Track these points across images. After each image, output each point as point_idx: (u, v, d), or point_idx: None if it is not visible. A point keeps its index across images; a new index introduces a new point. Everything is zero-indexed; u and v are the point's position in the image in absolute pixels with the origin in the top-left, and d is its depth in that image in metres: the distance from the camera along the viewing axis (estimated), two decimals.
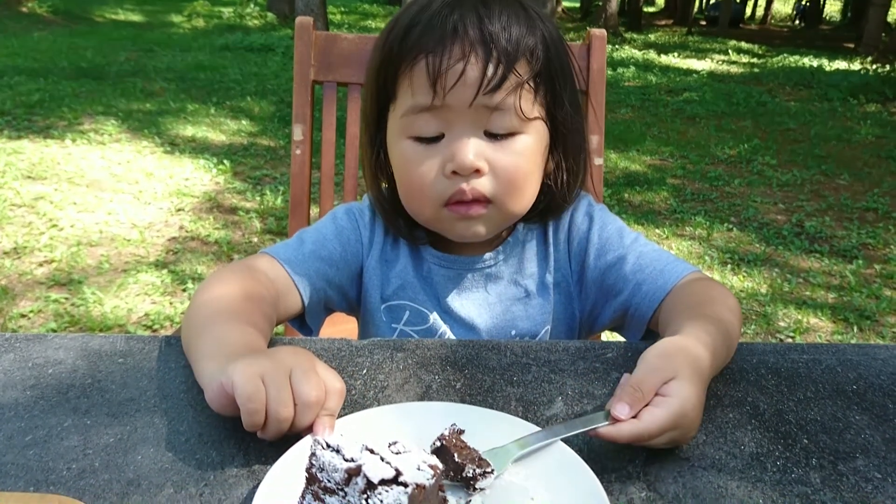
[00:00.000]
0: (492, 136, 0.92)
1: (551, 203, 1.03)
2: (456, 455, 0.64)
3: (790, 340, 2.99)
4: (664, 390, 0.70)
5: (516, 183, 0.94)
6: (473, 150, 0.90)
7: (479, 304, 1.05)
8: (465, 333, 1.04)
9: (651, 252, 1.02)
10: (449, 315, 1.04)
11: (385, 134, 0.99)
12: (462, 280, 1.05)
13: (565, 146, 1.00)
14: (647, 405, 0.69)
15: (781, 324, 3.14)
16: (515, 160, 0.93)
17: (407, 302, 1.04)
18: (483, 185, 0.92)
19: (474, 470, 0.63)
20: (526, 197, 0.97)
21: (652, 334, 1.01)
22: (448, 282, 1.05)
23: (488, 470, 0.64)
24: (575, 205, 1.08)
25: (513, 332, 1.04)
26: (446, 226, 0.97)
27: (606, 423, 0.69)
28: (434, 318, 1.04)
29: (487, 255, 1.05)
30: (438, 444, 0.65)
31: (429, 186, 0.93)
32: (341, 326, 1.46)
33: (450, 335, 1.04)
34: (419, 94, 0.90)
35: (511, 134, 0.92)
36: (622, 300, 1.02)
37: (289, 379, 0.67)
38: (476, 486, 0.64)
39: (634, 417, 0.69)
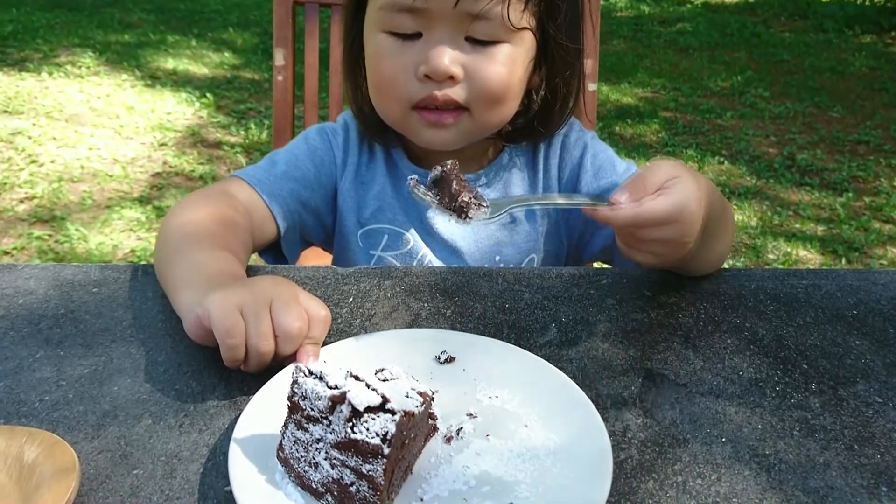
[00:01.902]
0: (473, 41, 0.87)
1: (535, 123, 0.98)
2: (454, 183, 0.63)
3: None
4: (667, 185, 0.69)
5: (493, 92, 0.89)
6: (450, 55, 0.85)
7: (462, 227, 1.01)
8: (447, 256, 1.01)
9: None
10: (431, 237, 1.01)
11: (362, 22, 0.93)
12: None
13: (554, 63, 0.94)
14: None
15: (771, 256, 3.14)
16: (495, 69, 0.88)
17: (385, 225, 1.00)
18: (456, 92, 0.88)
19: (469, 198, 0.63)
20: (504, 109, 0.92)
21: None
22: None
23: (483, 204, 0.64)
24: (566, 131, 1.04)
25: (497, 259, 1.01)
26: (413, 130, 0.92)
27: (606, 205, 0.68)
28: (414, 239, 1.00)
29: (470, 176, 1.00)
30: (438, 172, 0.65)
31: (399, 86, 0.88)
32: (316, 262, 1.41)
33: (431, 258, 1.00)
34: None
35: (494, 42, 0.87)
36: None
37: (269, 310, 0.64)
38: (468, 215, 0.63)
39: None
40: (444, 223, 1.00)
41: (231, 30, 6.61)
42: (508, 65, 0.88)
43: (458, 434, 0.60)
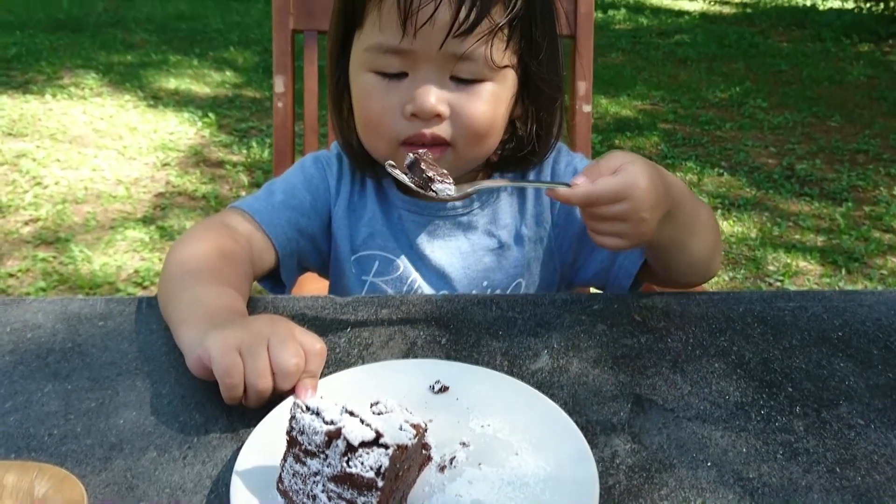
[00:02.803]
0: (457, 80, 0.90)
1: (520, 152, 1.01)
2: (422, 164, 0.79)
3: (779, 284, 3.00)
4: (620, 168, 0.77)
5: (478, 130, 0.92)
6: (436, 94, 0.89)
7: (451, 252, 1.03)
8: (437, 282, 1.03)
9: None
10: (422, 262, 1.03)
11: (348, 60, 0.96)
12: (433, 226, 1.03)
13: (538, 97, 0.98)
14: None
15: (771, 268, 3.15)
16: (479, 107, 0.91)
17: (376, 252, 1.03)
18: (443, 129, 0.91)
19: (434, 174, 0.78)
20: (486, 144, 0.96)
21: (637, 287, 1.02)
22: (419, 228, 1.03)
23: (448, 181, 0.79)
24: (554, 157, 1.07)
25: (484, 284, 1.04)
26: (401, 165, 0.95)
27: (566, 187, 0.77)
28: (404, 264, 1.02)
29: (458, 203, 1.03)
30: (412, 158, 0.80)
31: (386, 124, 0.91)
32: (311, 286, 1.42)
33: (421, 283, 1.03)
34: (387, 31, 0.87)
35: (477, 80, 0.90)
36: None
37: (266, 348, 0.66)
38: (433, 188, 0.78)
39: None
40: (433, 251, 1.03)
41: (232, 49, 6.68)
42: (492, 102, 0.92)
43: (451, 463, 0.62)
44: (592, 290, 1.13)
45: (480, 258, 1.04)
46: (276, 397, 0.67)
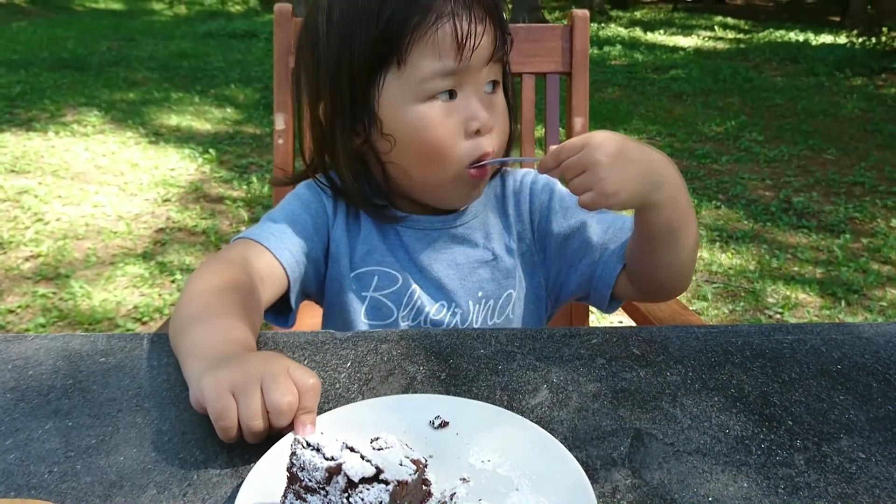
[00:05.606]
0: (486, 92, 0.99)
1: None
2: None
3: (778, 316, 3.01)
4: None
5: (507, 136, 1.02)
6: (485, 107, 0.97)
7: (447, 264, 1.07)
8: (435, 293, 1.06)
9: (613, 216, 1.08)
10: (421, 274, 1.06)
11: (371, 109, 0.98)
12: (429, 239, 1.07)
13: (513, 114, 1.07)
14: None
15: (770, 300, 3.16)
16: (505, 116, 1.01)
17: (375, 267, 1.05)
18: (493, 144, 0.99)
19: None
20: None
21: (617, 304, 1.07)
22: (415, 241, 1.07)
23: None
24: (533, 178, 1.13)
25: (479, 294, 1.07)
26: (457, 190, 1.02)
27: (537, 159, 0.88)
28: (403, 278, 1.05)
29: (448, 217, 1.08)
30: None
31: (454, 148, 0.97)
32: (306, 321, 1.42)
33: (420, 294, 1.05)
34: (445, 56, 0.94)
35: (494, 91, 1.00)
36: (589, 262, 1.05)
37: (260, 388, 0.66)
38: None
39: None
40: (430, 263, 1.06)
41: (233, 86, 6.77)
42: (506, 112, 1.02)
43: (451, 499, 0.62)
44: (596, 321, 1.13)
45: (475, 269, 1.08)
46: (277, 433, 0.67)
